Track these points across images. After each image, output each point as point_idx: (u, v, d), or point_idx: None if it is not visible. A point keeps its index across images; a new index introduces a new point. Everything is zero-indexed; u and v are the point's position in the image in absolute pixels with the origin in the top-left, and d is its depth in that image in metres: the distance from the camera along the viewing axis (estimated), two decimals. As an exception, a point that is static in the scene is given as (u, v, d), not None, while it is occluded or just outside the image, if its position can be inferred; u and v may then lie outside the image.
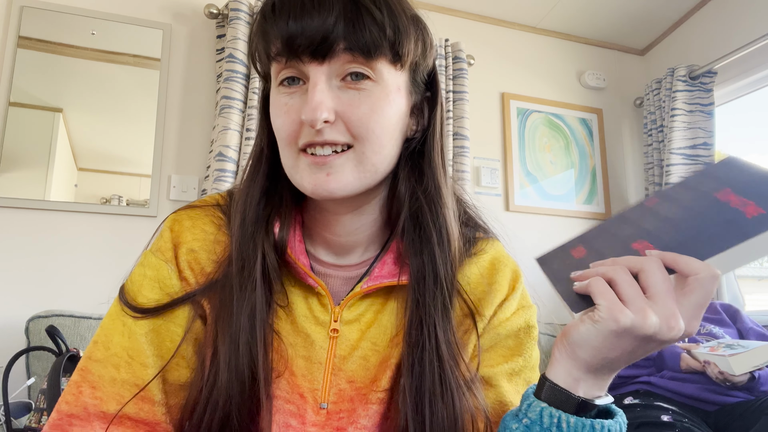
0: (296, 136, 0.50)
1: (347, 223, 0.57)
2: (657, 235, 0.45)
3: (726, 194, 0.45)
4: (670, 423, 1.36)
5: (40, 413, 1.17)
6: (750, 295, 2.23)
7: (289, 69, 0.50)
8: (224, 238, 0.57)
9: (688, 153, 2.15)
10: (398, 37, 0.50)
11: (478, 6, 2.30)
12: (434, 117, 0.57)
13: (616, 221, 0.49)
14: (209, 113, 1.86)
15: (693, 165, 2.14)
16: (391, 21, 0.49)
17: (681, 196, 0.47)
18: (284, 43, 0.48)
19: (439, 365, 0.52)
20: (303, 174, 0.51)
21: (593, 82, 2.44)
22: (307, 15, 0.47)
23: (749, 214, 0.43)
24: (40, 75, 1.70)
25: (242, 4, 1.81)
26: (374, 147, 0.50)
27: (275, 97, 0.52)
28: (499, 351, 0.58)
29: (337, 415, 0.54)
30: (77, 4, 1.76)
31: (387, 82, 0.51)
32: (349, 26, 0.47)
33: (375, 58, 0.49)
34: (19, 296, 1.56)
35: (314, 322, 0.56)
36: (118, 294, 0.55)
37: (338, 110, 0.49)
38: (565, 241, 0.51)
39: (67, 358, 1.20)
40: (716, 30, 2.21)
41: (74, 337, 1.40)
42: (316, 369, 0.55)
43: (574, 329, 0.44)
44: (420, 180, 0.56)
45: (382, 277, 0.56)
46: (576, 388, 0.45)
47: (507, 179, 2.24)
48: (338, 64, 0.49)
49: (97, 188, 1.73)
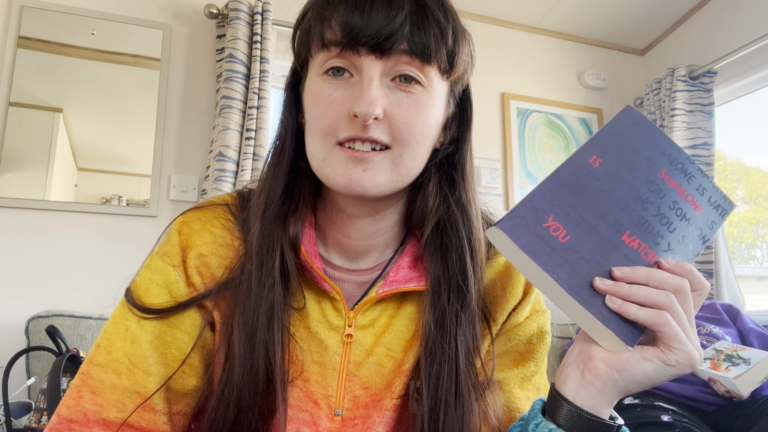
0: (336, 128, 0.49)
1: (365, 227, 0.56)
2: (634, 224, 0.44)
3: (664, 173, 0.46)
4: (670, 423, 1.36)
5: (40, 413, 1.17)
6: (750, 295, 2.23)
7: (341, 59, 0.49)
8: (235, 242, 0.55)
9: (689, 153, 2.14)
10: (456, 47, 0.51)
11: (478, 6, 2.30)
12: (468, 132, 0.58)
13: (569, 188, 0.44)
14: (209, 113, 1.86)
15: (693, 165, 2.14)
16: (452, 30, 0.50)
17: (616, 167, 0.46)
18: (345, 31, 0.47)
19: (455, 372, 0.51)
20: (337, 168, 0.49)
21: (593, 82, 2.44)
22: (375, 9, 0.46)
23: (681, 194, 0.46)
24: (40, 75, 1.70)
25: (242, 4, 1.80)
26: (411, 152, 0.50)
27: (317, 85, 0.50)
28: (512, 356, 0.57)
29: (351, 422, 0.53)
30: (77, 4, 1.76)
31: (434, 89, 0.51)
32: (414, 28, 0.47)
33: (431, 63, 0.49)
34: (19, 296, 1.56)
35: (328, 327, 0.54)
36: (124, 295, 0.54)
37: (386, 109, 0.48)
38: (526, 202, 0.43)
39: (67, 358, 1.20)
40: (716, 30, 2.21)
41: (74, 337, 1.40)
42: (330, 375, 0.54)
43: (637, 367, 0.40)
44: (452, 189, 0.56)
45: (398, 282, 0.54)
46: (603, 413, 0.43)
47: (507, 179, 2.24)
48: (394, 62, 0.48)
49: (97, 188, 1.73)
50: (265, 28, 1.82)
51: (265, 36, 1.82)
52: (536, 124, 2.34)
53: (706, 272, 2.05)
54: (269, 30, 1.84)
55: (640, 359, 0.40)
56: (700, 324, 1.70)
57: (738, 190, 2.64)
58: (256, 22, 1.81)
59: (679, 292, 0.41)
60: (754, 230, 2.60)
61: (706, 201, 0.47)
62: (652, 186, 0.46)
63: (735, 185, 2.63)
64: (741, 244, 2.60)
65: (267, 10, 1.83)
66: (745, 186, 2.65)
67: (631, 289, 0.40)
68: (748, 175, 2.62)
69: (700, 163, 2.14)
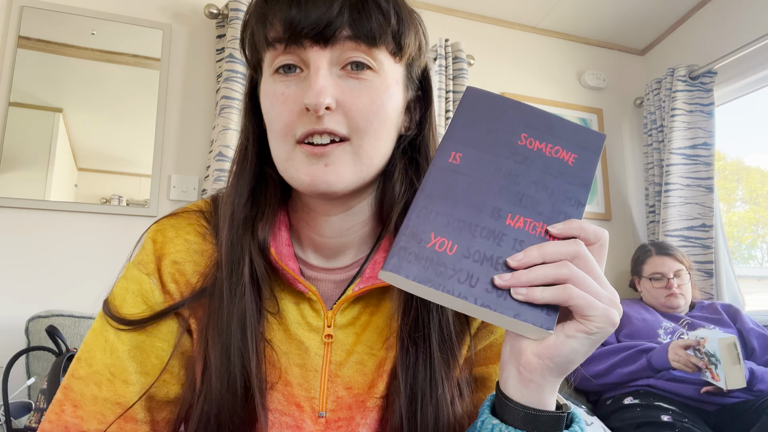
0: (293, 126, 0.48)
1: (337, 224, 0.55)
2: (512, 203, 0.42)
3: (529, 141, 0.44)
4: (670, 423, 1.36)
5: (40, 413, 1.17)
6: (750, 295, 2.23)
7: (288, 55, 0.48)
8: (209, 248, 0.55)
9: (689, 153, 2.15)
10: (401, 27, 0.50)
11: (478, 6, 2.30)
12: (429, 114, 0.57)
13: (439, 197, 0.42)
14: (209, 113, 1.86)
15: (693, 165, 2.14)
16: (395, 11, 0.49)
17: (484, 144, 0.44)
18: (286, 26, 0.47)
19: (431, 366, 0.50)
20: (299, 166, 0.48)
21: (593, 82, 2.44)
22: (311, 1, 0.46)
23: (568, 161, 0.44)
24: (40, 75, 1.69)
25: (242, 4, 1.80)
26: (372, 140, 0.49)
27: (270, 85, 0.50)
28: (495, 349, 0.56)
29: (335, 424, 0.53)
30: (77, 4, 1.76)
31: (387, 73, 0.50)
32: (354, 13, 0.47)
33: (377, 47, 0.48)
34: (19, 296, 1.56)
35: (307, 329, 0.54)
36: (102, 307, 0.54)
37: (339, 99, 0.47)
38: (404, 229, 0.40)
39: (67, 358, 1.20)
40: (716, 30, 2.21)
41: (74, 337, 1.40)
42: (312, 377, 0.53)
43: (565, 347, 0.39)
44: (417, 174, 0.55)
45: (374, 277, 0.53)
46: (549, 404, 0.42)
47: (507, 179, 2.23)
48: (340, 50, 0.48)
49: (97, 188, 1.73)
50: (265, 28, 1.82)
51: (265, 36, 1.82)
52: (536, 124, 2.34)
53: (705, 272, 2.05)
54: (269, 30, 1.84)
55: (565, 339, 0.39)
56: (700, 324, 1.70)
57: (738, 190, 2.64)
58: (256, 22, 1.81)
59: (576, 257, 0.39)
60: (754, 230, 2.60)
61: (576, 146, 0.45)
62: (517, 157, 0.44)
63: (735, 185, 2.63)
64: (741, 244, 2.60)
65: (267, 10, 1.83)
66: (745, 186, 2.65)
67: (529, 274, 0.39)
68: (748, 175, 2.62)
69: (700, 163, 2.14)
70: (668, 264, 1.81)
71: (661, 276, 1.81)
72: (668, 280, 1.78)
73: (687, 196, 2.12)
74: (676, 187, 2.12)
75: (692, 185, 2.13)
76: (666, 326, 1.69)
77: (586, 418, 1.39)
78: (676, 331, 1.66)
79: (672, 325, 1.69)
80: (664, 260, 1.83)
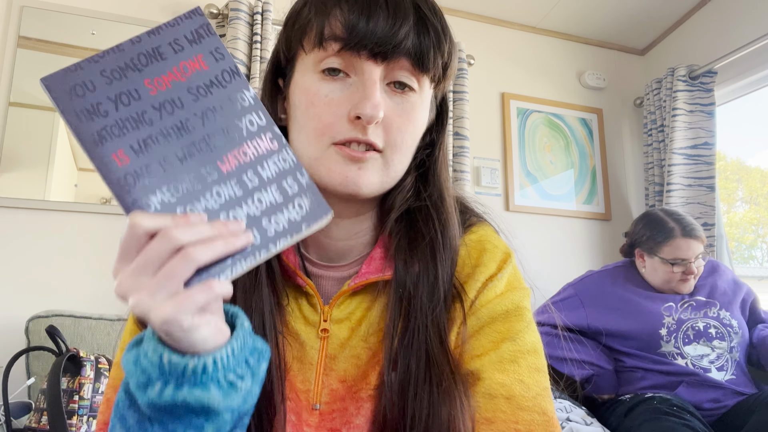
0: (333, 129, 0.49)
1: (347, 227, 0.57)
2: (204, 153, 0.37)
3: None
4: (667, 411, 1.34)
5: (40, 413, 1.17)
6: (750, 295, 2.22)
7: (339, 59, 0.49)
8: None
9: (690, 153, 2.15)
10: (449, 59, 0.52)
11: (478, 6, 2.30)
12: (442, 135, 0.60)
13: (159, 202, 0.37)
14: (209, 113, 1.86)
15: (694, 165, 2.14)
16: (448, 41, 0.51)
17: None
18: (349, 33, 0.47)
19: (425, 360, 0.51)
20: (332, 166, 0.49)
21: (593, 82, 2.44)
22: (380, 15, 0.47)
23: None
24: (40, 75, 1.69)
25: (242, 4, 1.81)
26: (400, 156, 0.52)
27: (312, 83, 0.50)
28: (488, 336, 0.54)
29: (330, 416, 0.54)
30: (77, 4, 1.76)
31: (425, 95, 0.53)
32: (417, 38, 0.48)
33: (427, 73, 0.50)
34: (19, 296, 1.56)
35: (304, 323, 0.56)
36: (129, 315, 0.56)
37: (385, 114, 0.49)
38: None
39: (66, 358, 1.20)
40: (716, 30, 2.21)
41: (74, 337, 1.40)
42: (308, 370, 0.55)
43: None
44: (425, 187, 0.58)
45: (369, 273, 0.55)
46: None
47: (507, 179, 2.23)
48: (393, 68, 0.49)
49: (97, 188, 1.73)
50: (265, 28, 1.83)
51: (265, 36, 1.82)
52: (536, 124, 2.34)
53: (706, 272, 2.06)
54: (269, 30, 1.84)
55: None
56: (712, 304, 1.59)
57: (738, 190, 2.64)
58: (256, 22, 1.81)
59: None
60: (754, 230, 2.60)
61: (189, 47, 0.40)
62: (164, 110, 0.38)
63: (735, 185, 2.63)
64: (741, 244, 2.60)
65: (267, 10, 1.83)
66: (745, 186, 2.65)
67: None
68: (748, 175, 2.62)
69: (701, 163, 2.14)
70: (693, 248, 1.54)
71: (683, 261, 1.54)
72: (690, 264, 1.54)
73: (689, 196, 2.12)
74: (677, 187, 2.12)
75: (694, 185, 2.13)
76: (669, 323, 1.55)
77: (586, 418, 1.39)
78: (679, 330, 1.58)
79: (673, 321, 1.56)
80: (689, 243, 1.54)
